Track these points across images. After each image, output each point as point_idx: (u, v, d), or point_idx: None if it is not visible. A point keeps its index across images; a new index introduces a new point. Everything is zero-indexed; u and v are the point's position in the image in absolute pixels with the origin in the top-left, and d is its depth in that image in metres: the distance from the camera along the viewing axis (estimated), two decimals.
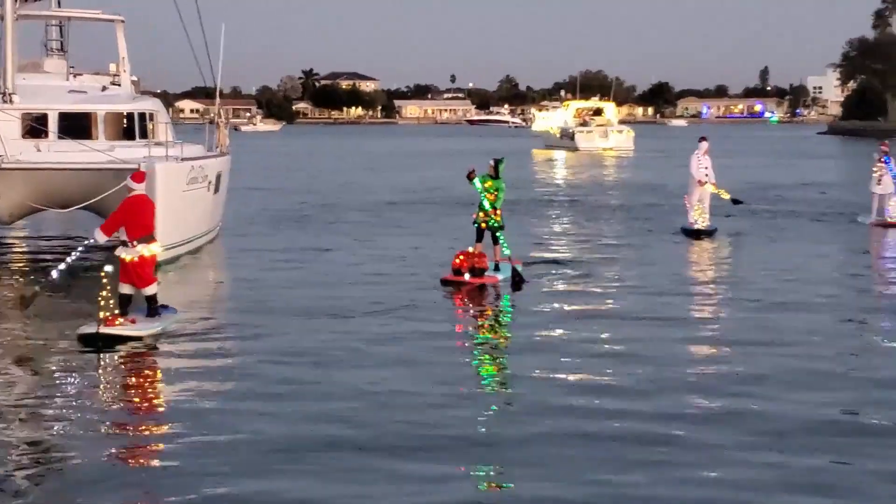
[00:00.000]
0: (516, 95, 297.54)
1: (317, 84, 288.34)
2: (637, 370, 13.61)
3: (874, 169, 30.23)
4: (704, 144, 28.57)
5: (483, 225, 20.87)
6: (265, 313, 17.25)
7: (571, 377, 13.32)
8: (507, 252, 20.78)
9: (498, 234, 20.73)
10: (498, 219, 20.73)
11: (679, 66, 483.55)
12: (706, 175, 28.18)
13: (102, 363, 14.25)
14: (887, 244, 27.05)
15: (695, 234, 27.59)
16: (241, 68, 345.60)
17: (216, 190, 26.54)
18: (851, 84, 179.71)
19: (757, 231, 29.61)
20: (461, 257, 20.09)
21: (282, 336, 15.56)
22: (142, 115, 25.87)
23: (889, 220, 29.61)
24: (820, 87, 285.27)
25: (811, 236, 28.72)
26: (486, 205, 20.56)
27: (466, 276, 19.80)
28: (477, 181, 20.54)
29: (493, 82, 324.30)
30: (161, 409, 12.14)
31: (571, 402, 12.14)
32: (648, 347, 14.93)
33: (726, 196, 30.29)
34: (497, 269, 20.59)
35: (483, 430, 11.25)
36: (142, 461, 10.41)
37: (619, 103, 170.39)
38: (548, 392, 12.60)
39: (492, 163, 20.95)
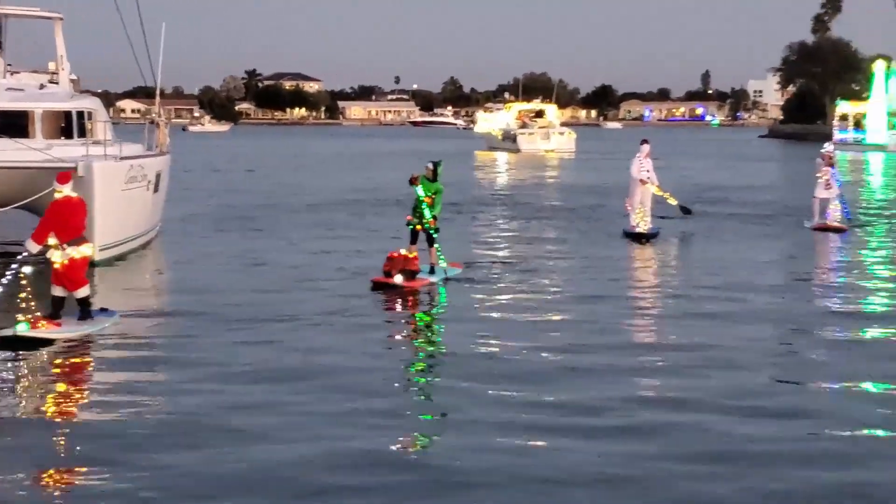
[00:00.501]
0: (460, 97, 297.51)
1: (260, 84, 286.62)
2: (574, 377, 13.53)
3: (819, 174, 30.17)
4: (646, 147, 28.59)
5: (418, 227, 20.64)
6: (202, 318, 17.00)
7: (506, 385, 13.05)
8: (443, 264, 20.66)
9: (435, 242, 20.55)
10: (433, 223, 20.50)
11: (622, 70, 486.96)
12: (648, 177, 28.22)
13: (18, 367, 13.80)
14: (828, 248, 27.14)
15: (637, 237, 27.60)
16: (184, 68, 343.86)
17: (156, 189, 26.29)
18: (791, 88, 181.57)
19: (699, 234, 29.69)
20: (392, 259, 19.88)
21: (214, 343, 15.25)
22: (80, 114, 25.53)
23: (830, 223, 29.72)
24: (761, 91, 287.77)
25: (753, 239, 28.82)
26: (428, 213, 20.37)
27: (397, 279, 19.52)
28: (419, 188, 20.39)
29: (438, 84, 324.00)
30: (76, 420, 11.67)
31: (504, 414, 11.83)
32: (586, 355, 14.79)
33: (674, 202, 30.33)
34: (432, 271, 20.41)
35: (416, 440, 11.16)
36: (45, 476, 9.88)
37: (563, 106, 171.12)
38: (482, 401, 12.40)
39: (430, 165, 20.71)
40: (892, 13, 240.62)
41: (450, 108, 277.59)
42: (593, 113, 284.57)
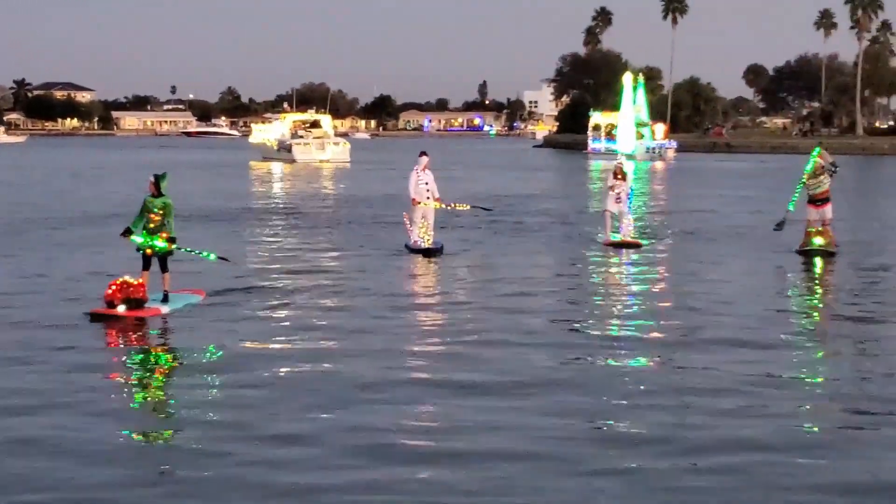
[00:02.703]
0: (238, 107, 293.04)
1: (29, 94, 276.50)
2: (317, 415, 12.11)
3: (611, 185, 28.94)
4: (424, 159, 27.07)
5: (149, 251, 18.48)
6: None
7: (239, 419, 11.78)
8: (211, 257, 19.60)
9: (200, 252, 18.66)
10: (163, 241, 18.36)
11: (402, 80, 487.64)
12: (427, 191, 26.76)
13: None
14: (620, 262, 26.07)
15: (421, 252, 26.06)
16: None
17: None
18: (565, 98, 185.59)
19: (485, 246, 28.46)
20: (114, 286, 17.52)
21: None
22: None
23: (625, 238, 28.52)
24: (536, 102, 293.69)
25: (536, 251, 27.81)
26: (160, 243, 18.28)
27: (120, 309, 17.26)
28: (136, 237, 18.41)
29: (216, 94, 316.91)
30: None
31: (237, 450, 10.67)
32: (367, 391, 13.17)
33: (465, 207, 29.18)
34: (165, 299, 18.23)
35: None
36: None
37: (342, 116, 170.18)
38: (213, 439, 11.12)
39: (152, 179, 18.54)
40: (661, 27, 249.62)
41: (223, 118, 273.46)
42: (373, 123, 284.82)
